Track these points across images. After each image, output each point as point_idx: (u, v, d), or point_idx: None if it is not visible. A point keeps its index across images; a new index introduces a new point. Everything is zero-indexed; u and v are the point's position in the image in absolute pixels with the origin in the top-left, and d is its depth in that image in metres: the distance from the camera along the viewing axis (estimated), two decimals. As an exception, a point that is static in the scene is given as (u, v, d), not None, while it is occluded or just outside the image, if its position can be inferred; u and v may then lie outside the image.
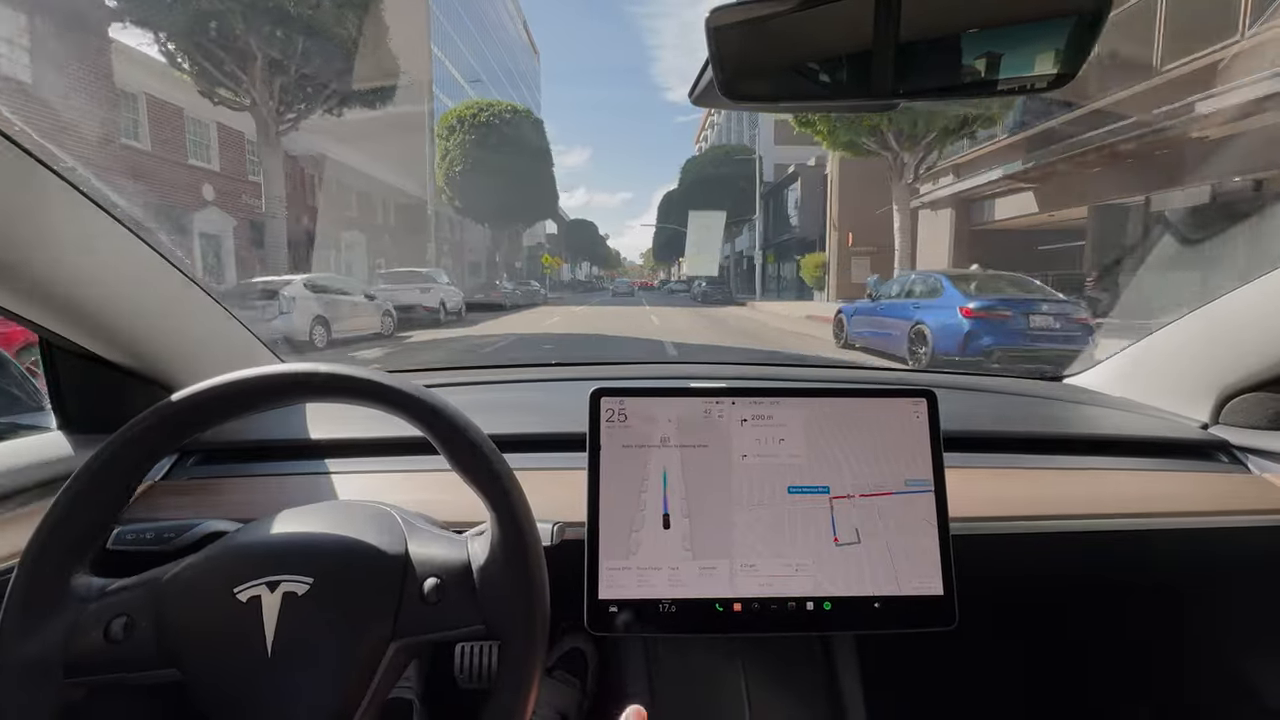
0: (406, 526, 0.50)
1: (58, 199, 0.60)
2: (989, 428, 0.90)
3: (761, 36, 0.47)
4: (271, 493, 0.75)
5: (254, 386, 0.46)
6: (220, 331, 0.87)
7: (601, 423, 0.60)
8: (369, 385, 0.46)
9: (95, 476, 0.44)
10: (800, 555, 0.59)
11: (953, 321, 6.12)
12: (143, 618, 0.43)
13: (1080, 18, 0.45)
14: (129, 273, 0.69)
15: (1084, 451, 0.88)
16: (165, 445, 0.46)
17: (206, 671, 0.42)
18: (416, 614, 0.45)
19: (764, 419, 0.62)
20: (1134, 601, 1.00)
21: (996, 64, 0.48)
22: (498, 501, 0.46)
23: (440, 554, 0.47)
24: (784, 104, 0.53)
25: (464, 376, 1.17)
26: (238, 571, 0.44)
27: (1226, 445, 0.89)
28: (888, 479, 0.61)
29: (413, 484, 0.76)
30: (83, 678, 0.42)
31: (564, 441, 0.81)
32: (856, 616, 0.58)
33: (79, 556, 0.45)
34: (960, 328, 6.02)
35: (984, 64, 0.49)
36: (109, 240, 0.66)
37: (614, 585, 0.57)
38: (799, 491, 0.60)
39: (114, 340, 0.72)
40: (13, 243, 0.56)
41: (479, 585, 0.45)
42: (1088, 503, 0.78)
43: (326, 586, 0.44)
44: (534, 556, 0.46)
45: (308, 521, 0.49)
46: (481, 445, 0.47)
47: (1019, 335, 5.87)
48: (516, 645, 0.44)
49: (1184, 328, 0.94)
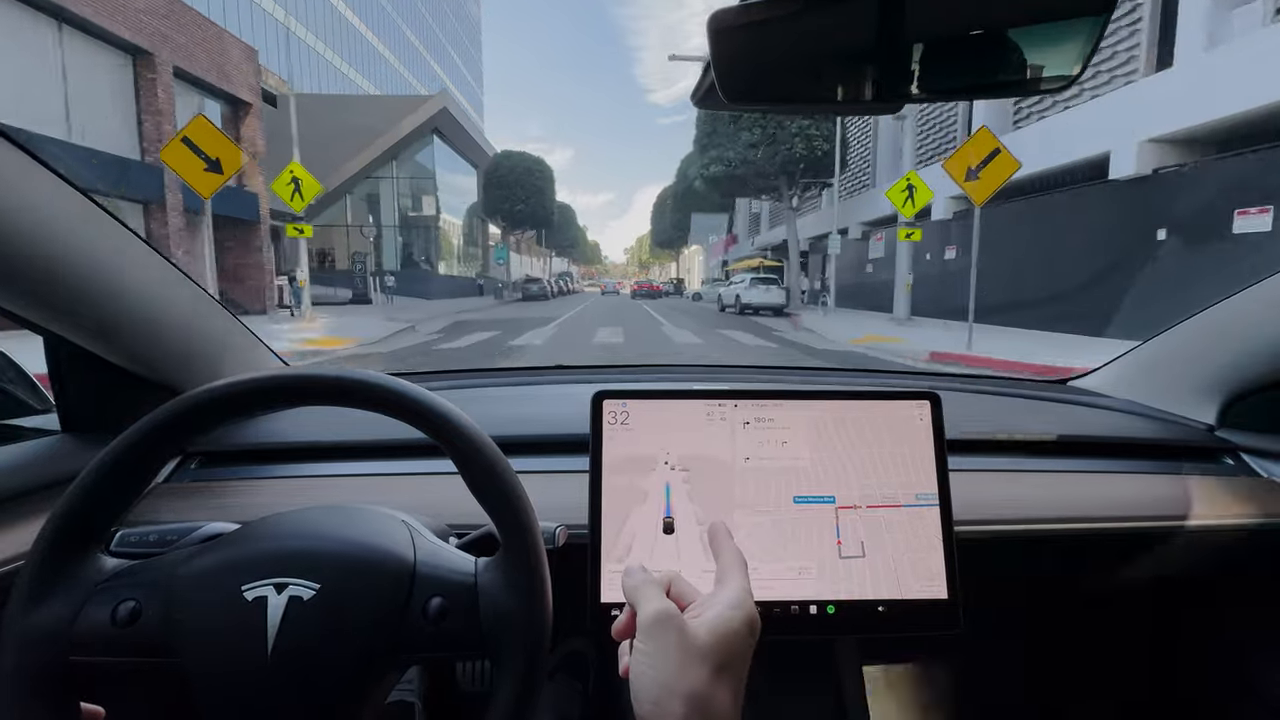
0: (415, 536, 0.50)
1: (62, 203, 0.60)
2: (993, 430, 0.90)
3: (762, 39, 0.47)
4: (274, 495, 0.75)
5: (259, 390, 0.46)
6: (224, 335, 0.87)
7: (603, 425, 0.60)
8: (379, 391, 0.47)
9: (105, 473, 0.44)
10: (804, 559, 0.58)
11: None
12: (150, 605, 0.43)
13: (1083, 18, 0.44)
14: (133, 276, 0.69)
15: (1089, 454, 0.88)
16: (170, 447, 0.47)
17: (206, 666, 0.42)
18: (419, 631, 0.45)
19: (766, 422, 0.61)
20: (1140, 605, 0.99)
21: (999, 65, 0.48)
22: (509, 526, 0.46)
23: (447, 571, 0.47)
24: (785, 106, 0.53)
25: (467, 379, 1.17)
26: (248, 569, 0.44)
27: (1234, 448, 0.88)
28: (895, 489, 0.60)
29: (417, 486, 0.76)
30: (84, 657, 0.42)
31: (566, 444, 0.81)
32: (860, 620, 0.58)
33: (90, 542, 0.45)
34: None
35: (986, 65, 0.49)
36: (113, 244, 0.67)
37: (616, 588, 0.57)
38: (805, 502, 0.60)
39: (118, 343, 0.72)
40: (18, 246, 0.56)
41: (483, 610, 0.45)
42: (1093, 506, 0.77)
43: (332, 594, 0.44)
44: (539, 581, 0.46)
45: (320, 524, 0.49)
46: (497, 465, 0.47)
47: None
48: (518, 665, 0.44)
49: (1190, 329, 0.94)
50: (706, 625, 0.38)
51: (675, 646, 0.36)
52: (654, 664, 0.36)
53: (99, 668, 0.43)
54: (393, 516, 0.52)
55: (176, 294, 0.77)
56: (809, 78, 0.51)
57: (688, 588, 0.43)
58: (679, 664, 0.36)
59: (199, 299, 0.81)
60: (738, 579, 0.42)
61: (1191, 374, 0.94)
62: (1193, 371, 0.94)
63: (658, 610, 0.38)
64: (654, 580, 0.42)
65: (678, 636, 0.37)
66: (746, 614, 0.39)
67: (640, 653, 0.37)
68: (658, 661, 0.36)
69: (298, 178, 9.44)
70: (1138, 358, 1.05)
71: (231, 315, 0.89)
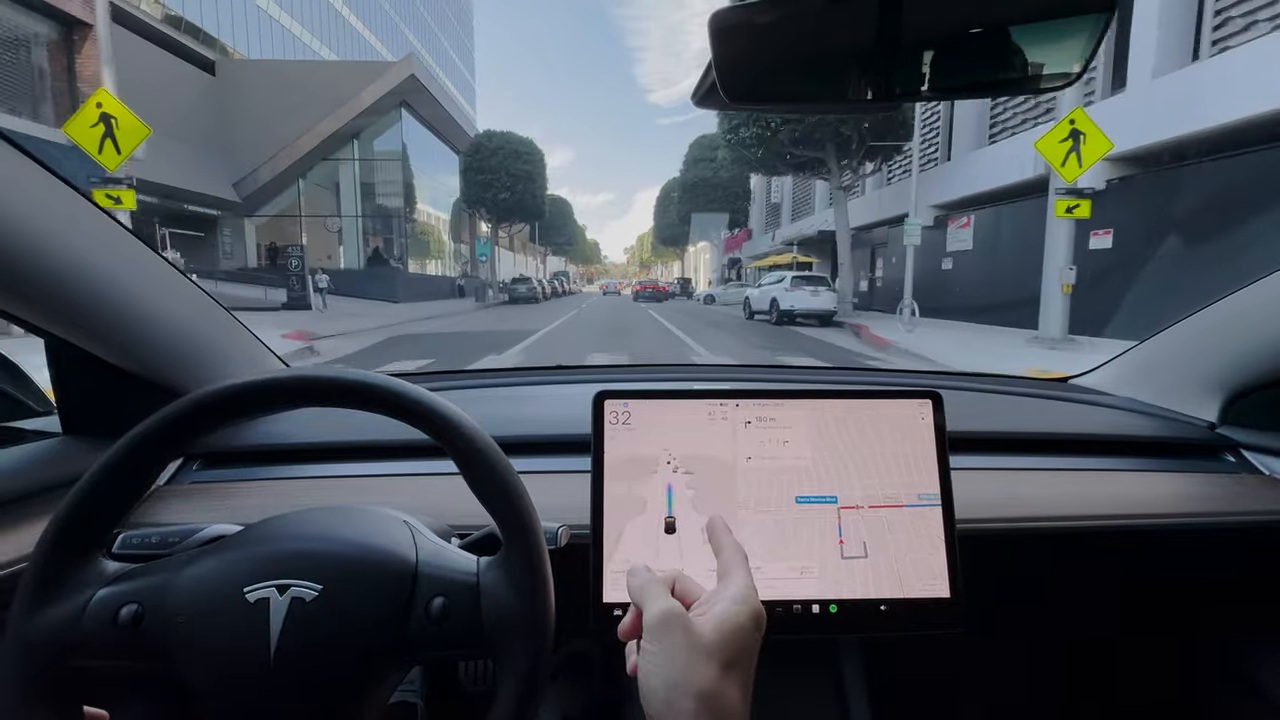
0: (417, 537, 0.50)
1: (64, 206, 0.60)
2: (994, 428, 0.90)
3: (763, 38, 0.47)
4: (276, 496, 0.75)
5: (260, 391, 0.46)
6: (224, 336, 0.87)
7: (605, 425, 0.60)
8: (380, 392, 0.47)
9: (107, 475, 0.44)
10: (806, 559, 0.58)
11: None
12: (152, 608, 0.43)
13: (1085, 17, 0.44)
14: (133, 278, 0.69)
15: (1090, 452, 0.88)
16: (172, 449, 0.47)
17: (208, 668, 0.42)
18: (421, 632, 0.45)
19: (768, 421, 0.61)
20: (1141, 603, 0.99)
21: (999, 64, 0.48)
22: (511, 526, 0.46)
23: (449, 571, 0.47)
24: (786, 105, 0.53)
25: (468, 380, 1.17)
26: (250, 571, 0.44)
27: (1235, 445, 0.88)
28: (897, 489, 0.60)
29: (418, 487, 0.76)
30: (87, 659, 0.42)
31: (567, 444, 0.81)
32: (863, 619, 0.58)
33: (93, 544, 0.45)
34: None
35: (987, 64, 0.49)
36: (115, 247, 0.67)
37: (618, 588, 0.57)
38: (807, 502, 0.59)
39: (120, 346, 0.72)
40: (20, 249, 0.56)
41: (485, 610, 0.45)
42: (1094, 504, 0.77)
43: (334, 596, 0.44)
44: (542, 581, 0.46)
45: (322, 525, 0.49)
46: (498, 465, 0.47)
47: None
48: (520, 665, 0.44)
49: (1191, 327, 0.94)
50: (713, 623, 0.38)
51: (683, 645, 0.36)
52: (662, 663, 0.36)
53: (102, 671, 0.43)
54: (394, 517, 0.52)
55: (177, 295, 0.77)
56: (809, 77, 0.51)
57: (692, 585, 0.43)
58: (687, 662, 0.36)
59: (199, 300, 0.81)
60: (740, 574, 0.42)
61: (1192, 371, 0.94)
62: (1194, 369, 0.94)
63: (664, 610, 0.38)
64: (659, 579, 0.42)
65: (685, 635, 0.37)
66: (752, 609, 0.39)
67: (648, 652, 0.37)
68: (666, 661, 0.36)
69: (109, 114, 5.48)
70: (1138, 355, 1.05)
71: (232, 316, 0.89)
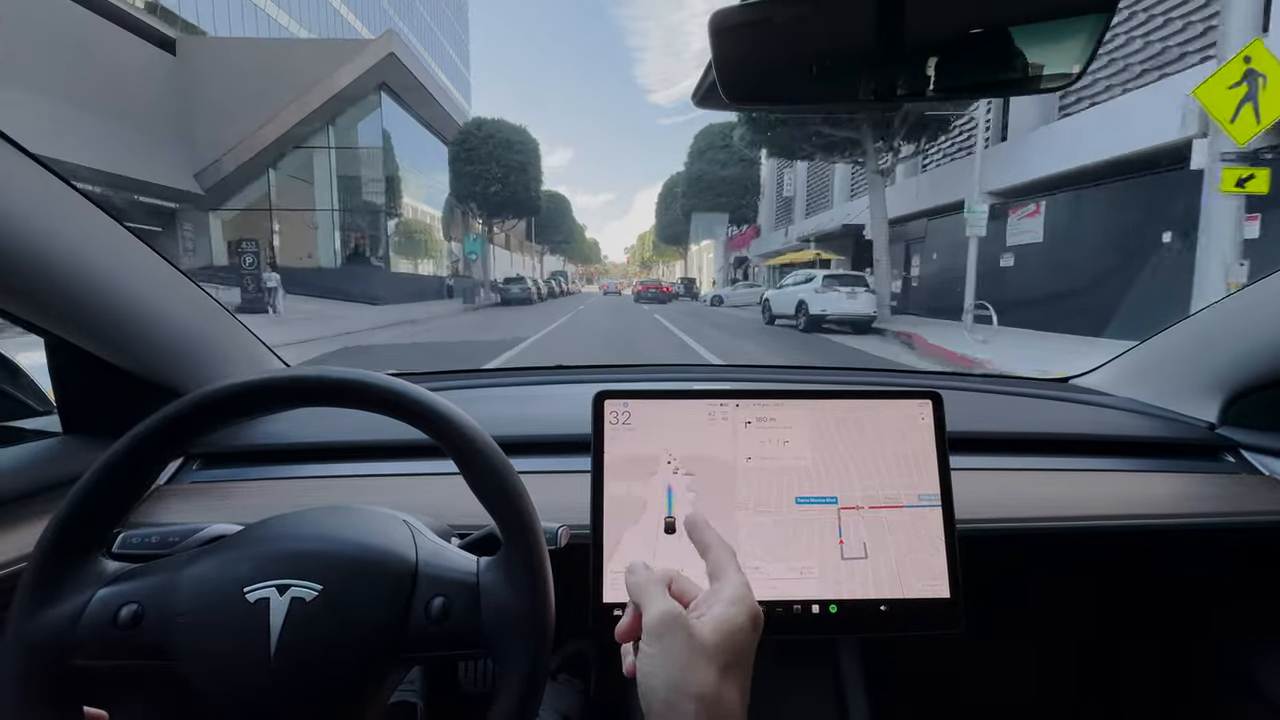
0: (417, 537, 0.50)
1: (63, 205, 0.60)
2: (995, 429, 0.90)
3: (763, 38, 0.47)
4: (276, 496, 0.75)
5: (260, 390, 0.46)
6: (224, 336, 0.88)
7: (605, 425, 0.60)
8: (380, 391, 0.46)
9: (107, 474, 0.44)
10: (806, 559, 0.58)
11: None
12: (152, 607, 0.43)
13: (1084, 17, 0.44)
14: (134, 278, 0.70)
15: (1090, 452, 0.88)
16: (172, 448, 0.47)
17: (208, 668, 0.42)
18: (421, 632, 0.45)
19: (768, 421, 0.61)
20: (1141, 603, 0.99)
21: (1000, 65, 0.48)
22: (511, 526, 0.46)
23: (449, 571, 0.47)
24: (786, 106, 0.53)
25: (468, 380, 1.17)
26: (250, 571, 0.44)
27: (1235, 446, 0.88)
28: (897, 490, 0.60)
29: (418, 487, 0.76)
30: (87, 659, 0.42)
31: (567, 444, 0.81)
32: (863, 619, 0.58)
33: (93, 543, 0.45)
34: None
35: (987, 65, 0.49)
36: (115, 246, 0.67)
37: (618, 588, 0.57)
38: (807, 502, 0.59)
39: (119, 345, 0.72)
40: (20, 249, 0.56)
41: (485, 609, 0.45)
42: (1094, 504, 0.77)
43: (334, 595, 0.44)
44: (542, 580, 0.46)
45: (322, 525, 0.49)
46: (498, 465, 0.47)
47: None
48: (520, 664, 0.44)
49: (1191, 327, 0.94)
50: (712, 624, 0.38)
51: (683, 647, 0.36)
52: (662, 664, 0.36)
53: (101, 670, 0.43)
54: (394, 517, 0.52)
55: (177, 295, 0.77)
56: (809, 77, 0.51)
57: (689, 585, 0.43)
58: (687, 664, 0.36)
59: (199, 300, 0.81)
60: (733, 573, 0.42)
61: (1192, 372, 0.94)
62: (1193, 369, 0.94)
63: (664, 611, 0.38)
64: (657, 578, 0.42)
65: (684, 637, 0.37)
66: (749, 609, 0.39)
67: (648, 653, 0.38)
68: (666, 662, 0.36)
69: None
70: (1138, 356, 1.05)
71: (232, 316, 0.89)
